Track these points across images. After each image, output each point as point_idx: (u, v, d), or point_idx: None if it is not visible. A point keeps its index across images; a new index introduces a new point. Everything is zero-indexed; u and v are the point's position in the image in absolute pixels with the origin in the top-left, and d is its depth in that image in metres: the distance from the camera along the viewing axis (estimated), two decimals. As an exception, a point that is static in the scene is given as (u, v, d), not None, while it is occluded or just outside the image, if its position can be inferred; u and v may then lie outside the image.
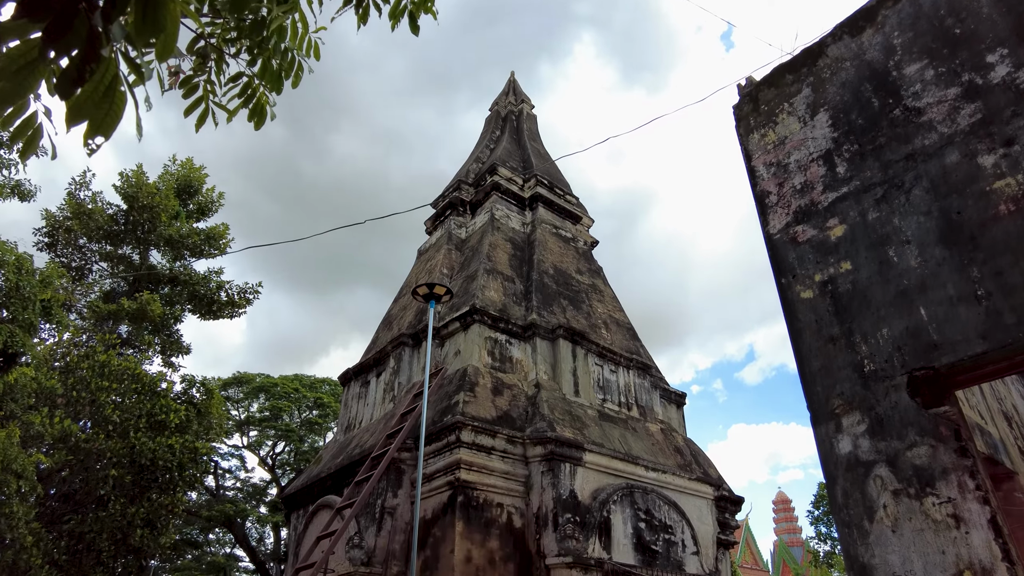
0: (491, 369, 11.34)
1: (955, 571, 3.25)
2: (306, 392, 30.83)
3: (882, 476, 3.58)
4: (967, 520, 3.27)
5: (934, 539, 3.35)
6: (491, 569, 9.23)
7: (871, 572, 3.46)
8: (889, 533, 3.47)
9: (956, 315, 3.57)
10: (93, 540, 10.96)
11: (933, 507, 3.40)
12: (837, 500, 3.74)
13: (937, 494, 3.39)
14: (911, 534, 3.43)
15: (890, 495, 3.53)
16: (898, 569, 3.38)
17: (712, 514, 11.90)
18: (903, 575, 3.35)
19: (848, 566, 3.58)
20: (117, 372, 12.59)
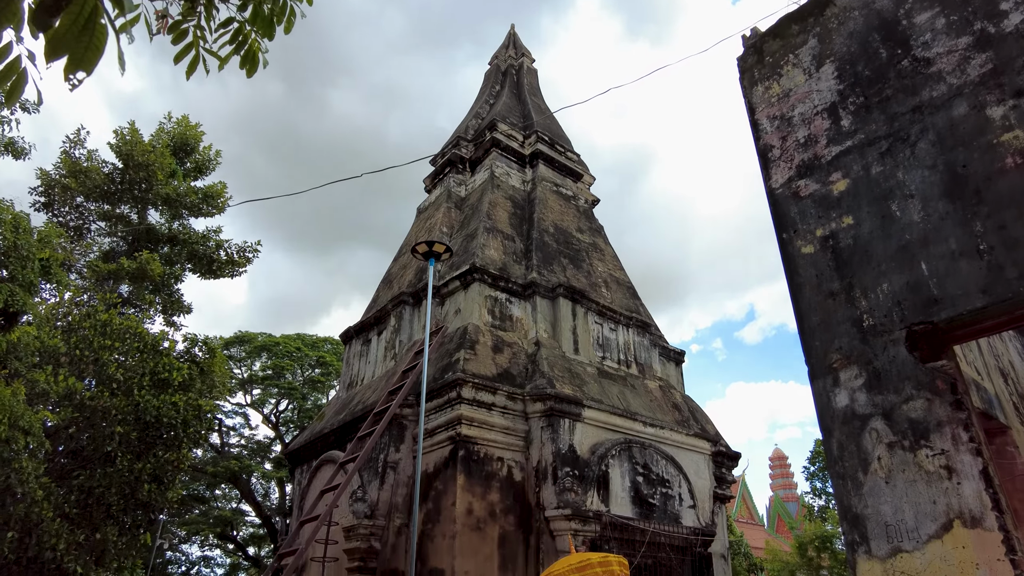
0: (491, 327, 11.39)
1: (945, 520, 3.31)
2: (308, 351, 31.07)
3: (877, 429, 3.62)
4: (959, 471, 3.32)
5: (926, 490, 3.41)
6: (492, 521, 9.45)
7: (864, 522, 3.53)
8: (882, 484, 3.52)
9: (957, 269, 3.55)
10: (102, 495, 11.19)
11: (926, 459, 3.44)
12: (833, 453, 3.79)
13: (931, 446, 3.44)
14: (904, 485, 3.48)
15: (885, 447, 3.58)
16: (889, 519, 3.44)
17: (709, 469, 12.12)
18: (894, 524, 3.42)
19: (841, 516, 3.65)
20: (119, 331, 12.65)
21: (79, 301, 14.01)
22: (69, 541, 10.27)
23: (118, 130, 18.25)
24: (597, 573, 7.38)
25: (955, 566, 3.22)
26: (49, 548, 10.06)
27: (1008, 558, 3.09)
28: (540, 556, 9.58)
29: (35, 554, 9.95)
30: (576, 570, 7.36)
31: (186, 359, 18.99)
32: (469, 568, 8.96)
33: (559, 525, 9.51)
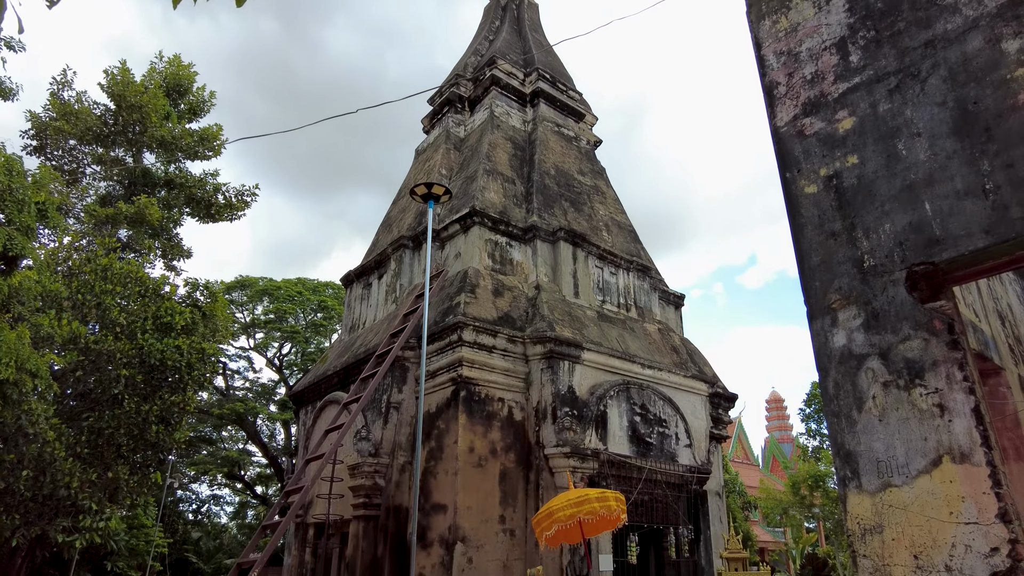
0: (491, 271, 11.40)
1: (935, 456, 3.39)
2: (309, 295, 31.20)
3: (873, 368, 3.66)
4: (951, 409, 3.37)
5: (918, 427, 3.46)
6: (493, 458, 9.70)
7: (856, 458, 3.61)
8: (876, 422, 3.58)
9: (961, 209, 3.52)
10: (112, 435, 11.44)
11: (920, 397, 3.49)
12: (828, 392, 3.84)
13: (925, 385, 3.48)
14: (896, 423, 3.54)
15: (880, 386, 3.62)
16: (881, 455, 3.52)
17: (706, 409, 12.35)
18: (886, 460, 3.50)
19: (835, 453, 3.73)
20: (120, 275, 12.66)
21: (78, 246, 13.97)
22: (82, 479, 10.56)
23: (108, 70, 17.79)
24: (595, 508, 7.62)
25: (942, 499, 3.31)
26: (63, 486, 10.36)
27: (993, 491, 3.17)
28: (540, 492, 9.87)
29: (50, 491, 10.24)
30: (574, 505, 7.60)
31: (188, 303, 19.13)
32: (471, 503, 9.25)
33: (558, 462, 9.76)
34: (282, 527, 7.58)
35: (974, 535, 3.18)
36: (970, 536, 3.19)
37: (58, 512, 10.86)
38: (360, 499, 10.21)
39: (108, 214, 16.52)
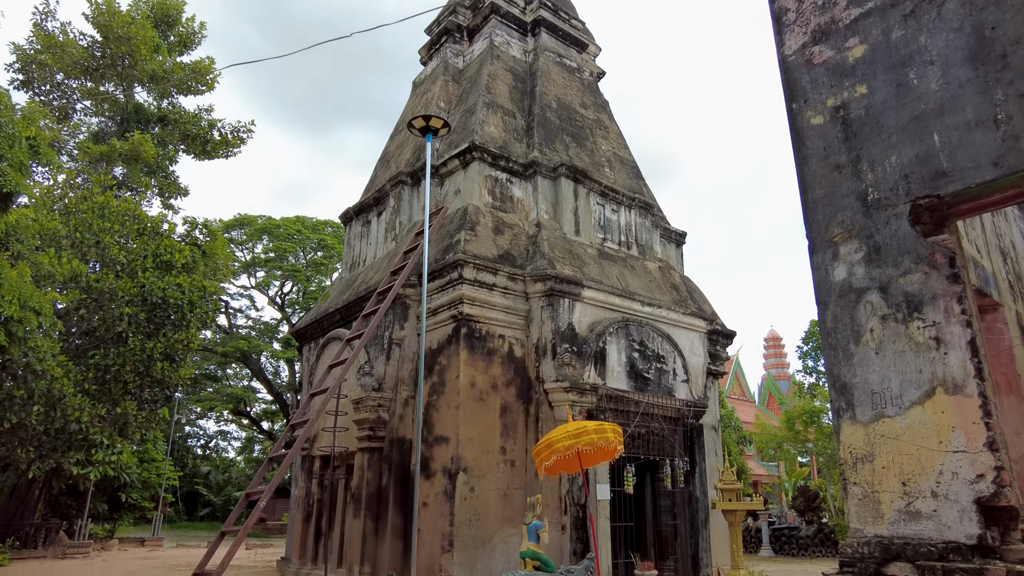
0: (492, 208, 11.30)
1: (928, 388, 3.44)
2: (309, 234, 31.10)
3: (872, 302, 3.67)
4: (947, 342, 3.40)
5: (913, 360, 3.50)
6: (493, 392, 9.88)
7: (851, 390, 3.66)
8: (872, 355, 3.62)
9: (971, 140, 3.44)
10: (118, 372, 11.65)
11: (917, 330, 3.51)
12: (827, 325, 3.86)
13: (923, 318, 3.49)
14: (892, 355, 3.58)
15: (878, 319, 3.64)
16: (876, 387, 3.57)
17: (704, 346, 12.48)
18: (880, 392, 3.55)
19: (831, 385, 3.78)
20: (117, 213, 12.59)
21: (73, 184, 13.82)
22: (92, 414, 10.81)
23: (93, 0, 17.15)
24: (593, 439, 7.81)
25: (932, 429, 3.38)
26: (74, 421, 10.61)
27: (983, 421, 3.23)
28: (539, 424, 10.10)
29: (61, 426, 10.50)
30: (573, 436, 7.78)
31: (187, 242, 19.10)
32: (473, 435, 9.48)
33: (557, 397, 9.95)
34: (288, 458, 7.80)
35: (961, 463, 3.26)
36: (957, 464, 3.27)
37: (71, 446, 11.15)
38: (364, 432, 10.47)
39: (102, 151, 16.27)
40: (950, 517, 3.23)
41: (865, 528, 3.44)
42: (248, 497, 7.99)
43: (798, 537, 18.44)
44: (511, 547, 9.31)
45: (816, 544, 18.10)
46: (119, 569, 14.01)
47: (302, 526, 12.21)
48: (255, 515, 7.17)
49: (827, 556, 17.78)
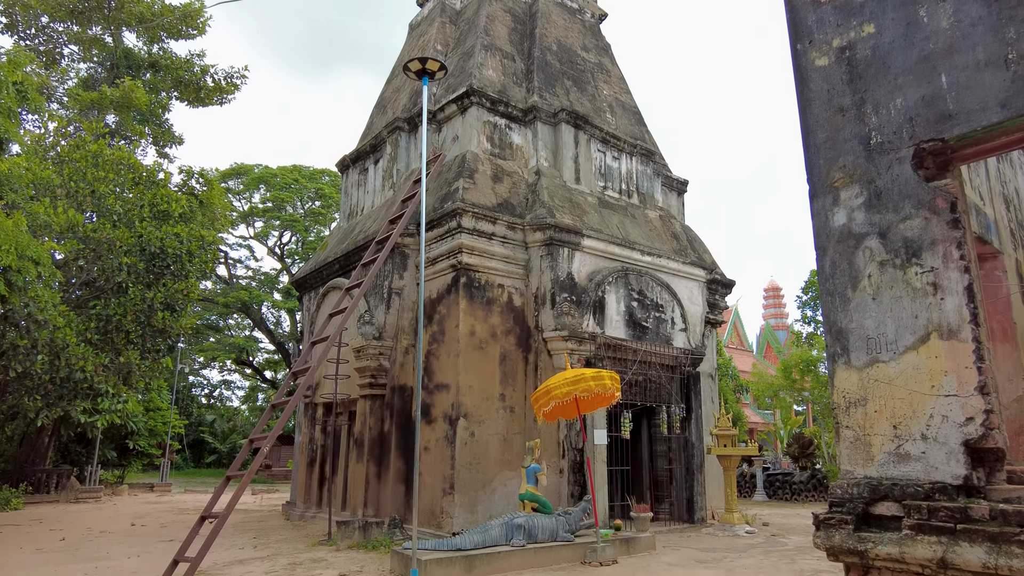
0: (490, 155, 11.15)
1: (923, 333, 3.45)
2: (306, 183, 30.81)
3: (871, 247, 3.65)
4: (944, 287, 3.39)
5: (910, 305, 3.50)
6: (493, 341, 9.96)
7: (847, 335, 3.67)
8: (869, 300, 3.62)
9: (979, 82, 3.35)
10: (120, 322, 11.71)
11: (915, 276, 3.50)
12: (825, 271, 3.85)
13: (921, 264, 3.48)
14: (889, 301, 3.58)
15: (876, 265, 3.62)
16: (871, 332, 3.58)
17: (703, 295, 12.52)
18: (875, 337, 3.56)
19: (827, 330, 3.80)
20: (112, 162, 12.43)
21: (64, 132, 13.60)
22: (96, 363, 10.92)
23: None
24: (590, 386, 7.92)
25: (925, 374, 3.40)
26: (79, 370, 10.72)
27: (976, 366, 3.25)
28: (538, 372, 10.23)
29: (66, 375, 10.62)
30: (571, 383, 7.89)
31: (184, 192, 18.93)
32: (473, 382, 9.61)
33: (556, 345, 10.04)
34: (291, 405, 7.92)
35: (952, 406, 3.30)
36: (948, 407, 3.31)
37: (76, 394, 11.31)
38: (366, 379, 10.60)
39: (93, 98, 15.95)
40: (938, 459, 3.29)
41: (855, 470, 3.50)
42: (252, 443, 8.15)
43: (792, 483, 18.91)
44: (511, 490, 9.55)
45: (809, 489, 18.56)
46: (131, 512, 14.42)
47: (306, 471, 12.51)
48: (259, 459, 7.33)
49: (819, 501, 18.27)
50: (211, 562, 7.94)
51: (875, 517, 3.35)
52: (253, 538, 9.99)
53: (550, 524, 8.00)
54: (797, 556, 8.62)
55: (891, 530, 3.27)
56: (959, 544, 3.00)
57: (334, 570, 7.47)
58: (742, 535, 10.29)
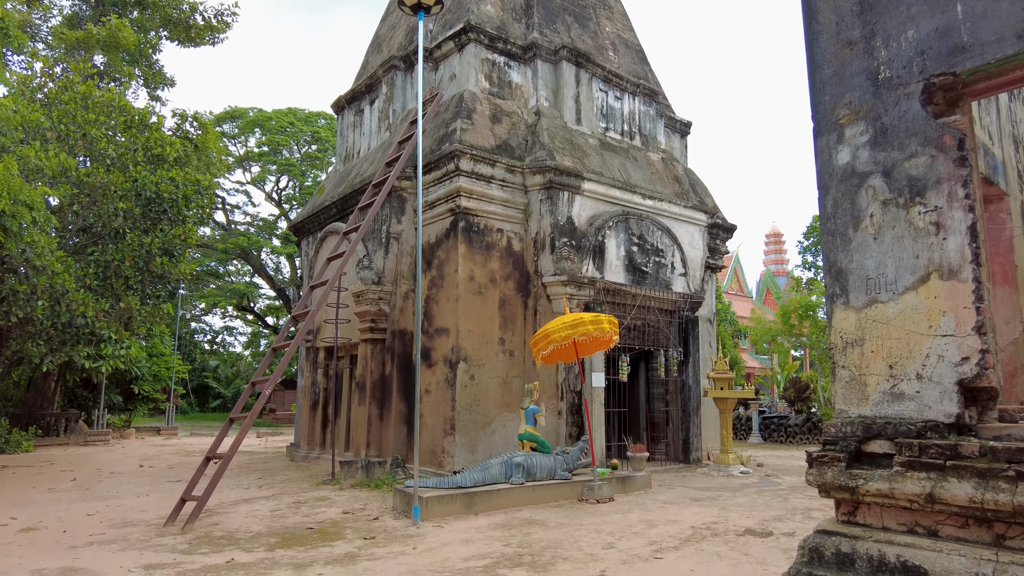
0: (489, 95, 10.88)
1: (924, 273, 3.41)
2: (301, 126, 30.26)
3: (875, 186, 3.58)
4: (947, 227, 3.34)
5: (911, 245, 3.46)
6: (492, 286, 9.96)
7: (846, 276, 3.64)
8: (870, 240, 3.57)
9: (996, 11, 3.21)
10: (118, 268, 11.68)
11: (918, 215, 3.44)
12: (827, 210, 3.79)
13: (925, 203, 3.41)
14: (891, 241, 3.53)
15: (879, 204, 3.56)
16: (871, 272, 3.55)
17: (703, 240, 12.45)
18: (875, 277, 3.53)
19: (826, 271, 3.76)
20: (102, 104, 12.15)
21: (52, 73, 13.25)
22: (96, 309, 10.94)
23: None
24: (589, 330, 7.95)
25: (923, 314, 3.39)
26: (80, 315, 10.75)
27: (974, 306, 3.23)
28: (537, 317, 10.26)
29: (68, 320, 10.66)
30: (569, 327, 7.92)
31: (179, 135, 18.60)
32: (472, 327, 9.66)
33: (555, 290, 10.04)
34: (291, 349, 7.98)
35: (948, 346, 3.29)
36: (944, 347, 3.31)
37: (79, 340, 11.38)
38: (367, 324, 10.65)
39: (79, 37, 15.47)
40: (932, 398, 3.31)
41: (850, 409, 3.53)
42: (254, 385, 8.25)
43: (787, 426, 19.27)
44: (510, 430, 9.73)
45: (804, 432, 18.93)
46: (139, 454, 14.76)
47: (309, 414, 12.73)
48: (261, 402, 7.42)
49: (814, 443, 18.65)
50: (217, 501, 8.16)
51: (867, 455, 3.40)
52: (258, 478, 10.24)
53: (548, 463, 8.18)
54: (790, 495, 8.85)
55: (882, 467, 3.31)
56: (947, 480, 3.05)
57: (338, 508, 7.67)
58: (736, 475, 10.54)
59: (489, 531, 6.42)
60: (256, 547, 5.86)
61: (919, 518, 3.20)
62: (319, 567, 5.15)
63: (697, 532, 6.40)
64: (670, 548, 5.75)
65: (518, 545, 5.84)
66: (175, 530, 6.57)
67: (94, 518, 7.27)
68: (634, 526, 6.66)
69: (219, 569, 5.11)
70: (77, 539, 6.24)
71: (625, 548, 5.73)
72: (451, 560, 5.35)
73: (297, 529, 6.59)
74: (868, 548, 3.20)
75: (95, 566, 5.26)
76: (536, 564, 5.20)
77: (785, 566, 5.19)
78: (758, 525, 6.70)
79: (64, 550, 5.82)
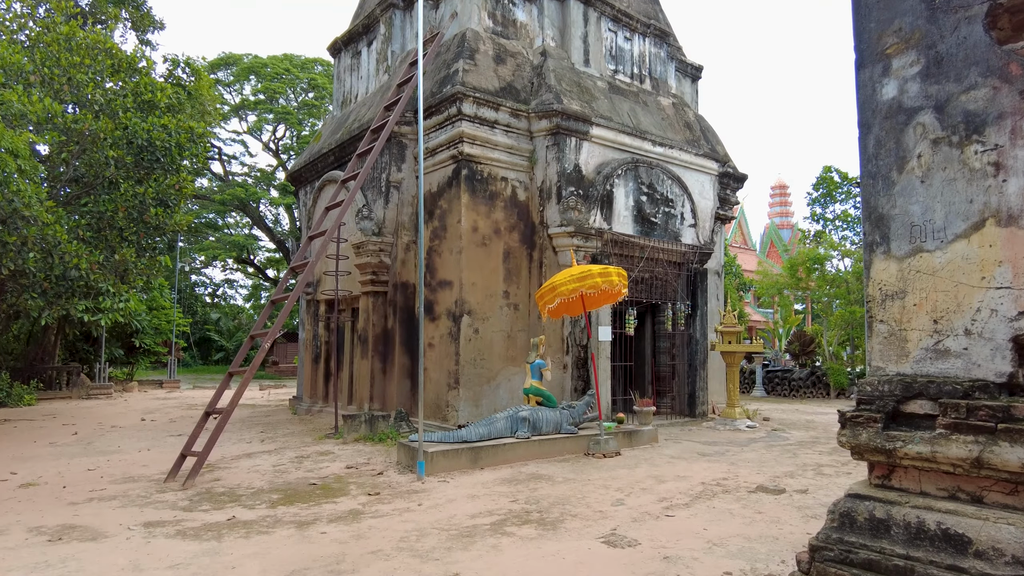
0: (492, 34, 10.32)
1: (978, 219, 3.10)
2: (298, 73, 29.36)
3: (924, 123, 3.23)
4: (1008, 167, 3.01)
5: (965, 188, 3.14)
6: (496, 237, 9.64)
7: (888, 222, 3.33)
8: (917, 183, 3.25)
9: (1078, -84, 2.81)
10: (112, 218, 11.35)
11: (974, 155, 3.11)
12: (868, 150, 3.45)
13: (983, 141, 3.08)
14: (941, 184, 3.21)
15: (928, 144, 3.22)
16: (917, 219, 3.24)
17: (714, 190, 12.05)
18: (921, 224, 3.22)
19: (865, 218, 3.45)
20: (87, 47, 11.58)
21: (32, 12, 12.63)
22: (90, 261, 10.66)
23: None
24: (597, 282, 7.67)
25: (976, 264, 3.09)
26: (73, 267, 10.48)
27: (1035, 256, 2.94)
28: (543, 269, 9.98)
29: (61, 272, 10.40)
30: (577, 279, 7.64)
31: (172, 82, 17.96)
32: (476, 279, 9.39)
33: (562, 241, 9.72)
34: (291, 301, 7.73)
35: (1003, 299, 3.01)
36: (999, 300, 3.02)
37: (74, 292, 11.14)
38: (367, 276, 10.39)
39: (61, -25, 14.69)
40: (981, 355, 3.04)
41: (887, 367, 3.28)
42: (253, 339, 8.04)
43: (791, 379, 19.20)
44: (515, 384, 9.57)
45: (808, 386, 18.88)
46: (141, 408, 14.73)
47: (311, 367, 12.59)
48: (260, 355, 7.22)
49: (818, 397, 18.63)
50: (219, 456, 8.05)
51: (906, 415, 3.16)
52: (260, 432, 10.15)
53: (554, 417, 8.04)
54: (799, 450, 8.73)
55: (923, 429, 3.08)
56: (998, 444, 2.81)
57: (341, 462, 7.56)
58: (743, 429, 10.43)
59: (495, 486, 6.30)
60: (258, 504, 5.73)
61: (962, 483, 2.98)
62: (322, 525, 5.02)
63: (708, 488, 6.27)
64: (681, 505, 5.61)
65: (525, 501, 5.71)
66: (176, 486, 6.46)
67: (95, 473, 7.16)
68: (642, 482, 6.53)
69: (220, 527, 4.98)
70: (77, 495, 6.12)
71: (635, 505, 5.60)
72: (457, 517, 5.21)
73: (300, 485, 6.47)
74: (905, 514, 2.99)
75: (95, 523, 5.14)
76: (544, 521, 5.06)
77: (800, 524, 5.05)
78: (769, 481, 6.57)
79: (64, 506, 5.70)
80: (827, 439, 9.83)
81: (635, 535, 4.71)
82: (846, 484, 6.57)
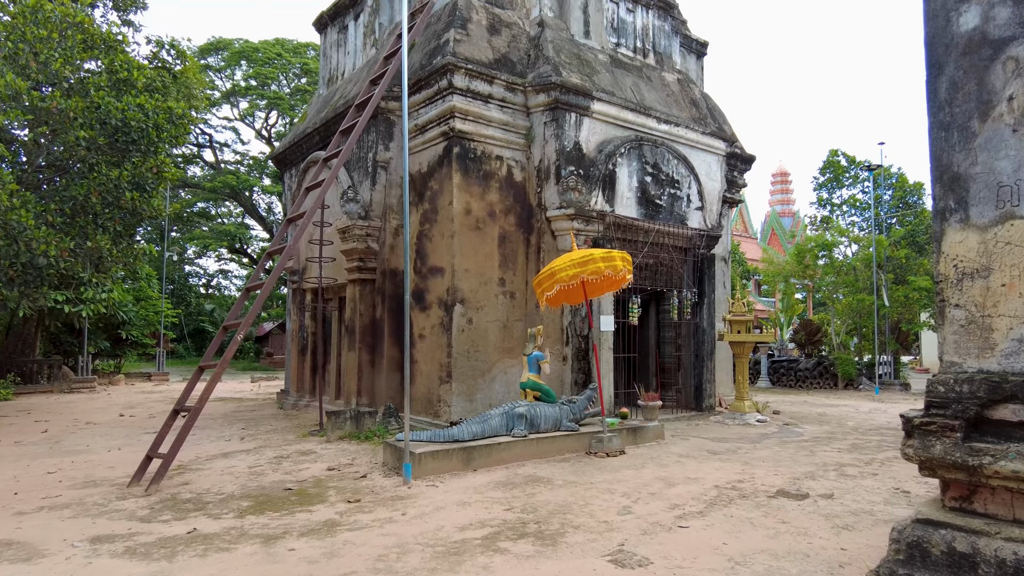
0: (486, 3, 9.64)
1: (1083, 177, 2.47)
2: (290, 57, 28.58)
3: (1018, 57, 2.59)
4: None
5: (1066, 139, 2.51)
6: (491, 221, 8.99)
7: (966, 183, 2.70)
8: (1006, 133, 2.61)
9: None
10: (84, 203, 10.69)
11: (1080, 96, 2.48)
12: (939, 96, 2.81)
13: (1094, 77, 2.45)
14: (1035, 134, 2.57)
15: (1022, 83, 2.58)
16: (1006, 178, 2.60)
17: (721, 170, 11.40)
18: (1011, 185, 2.59)
19: (935, 179, 2.81)
20: (55, 21, 10.87)
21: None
22: (60, 248, 10.01)
23: None
24: (599, 268, 7.04)
25: (1079, 233, 2.47)
26: (41, 255, 9.83)
27: None
28: (541, 255, 9.34)
29: (27, 260, 9.76)
30: (578, 265, 7.01)
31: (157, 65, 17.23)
32: (469, 266, 8.75)
33: (561, 224, 9.08)
34: (266, 288, 7.10)
35: (1120, 276, 2.40)
36: (1113, 278, 2.41)
37: (43, 281, 10.50)
38: (354, 263, 9.76)
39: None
40: (1090, 347, 2.43)
41: (966, 362, 2.66)
42: (226, 329, 7.41)
43: (797, 369, 18.62)
44: (511, 378, 8.97)
45: (815, 376, 18.29)
46: (123, 402, 14.12)
47: (298, 359, 11.98)
48: (233, 347, 6.62)
49: (825, 388, 18.05)
50: (194, 455, 7.47)
51: (992, 423, 2.54)
52: (242, 429, 9.55)
53: (553, 413, 7.44)
54: (815, 448, 8.14)
55: (1016, 440, 2.46)
56: (1121, 460, 2.21)
57: (322, 463, 6.97)
58: (753, 424, 9.85)
59: (489, 491, 5.70)
60: (225, 513, 5.13)
61: (1069, 509, 2.38)
62: (292, 540, 4.42)
63: (723, 493, 5.67)
64: (694, 513, 5.01)
65: (521, 509, 5.11)
66: (139, 491, 5.86)
67: (54, 476, 6.57)
68: (650, 485, 5.94)
69: (176, 543, 4.38)
70: (28, 503, 5.52)
71: (643, 513, 5.00)
72: (445, 529, 4.61)
73: (274, 490, 5.87)
74: (998, 548, 2.38)
75: (36, 538, 4.54)
76: (543, 534, 4.46)
77: (832, 537, 4.45)
78: (790, 485, 5.97)
79: (8, 517, 5.10)
80: (843, 434, 9.25)
81: (645, 551, 4.12)
82: (873, 487, 5.98)
